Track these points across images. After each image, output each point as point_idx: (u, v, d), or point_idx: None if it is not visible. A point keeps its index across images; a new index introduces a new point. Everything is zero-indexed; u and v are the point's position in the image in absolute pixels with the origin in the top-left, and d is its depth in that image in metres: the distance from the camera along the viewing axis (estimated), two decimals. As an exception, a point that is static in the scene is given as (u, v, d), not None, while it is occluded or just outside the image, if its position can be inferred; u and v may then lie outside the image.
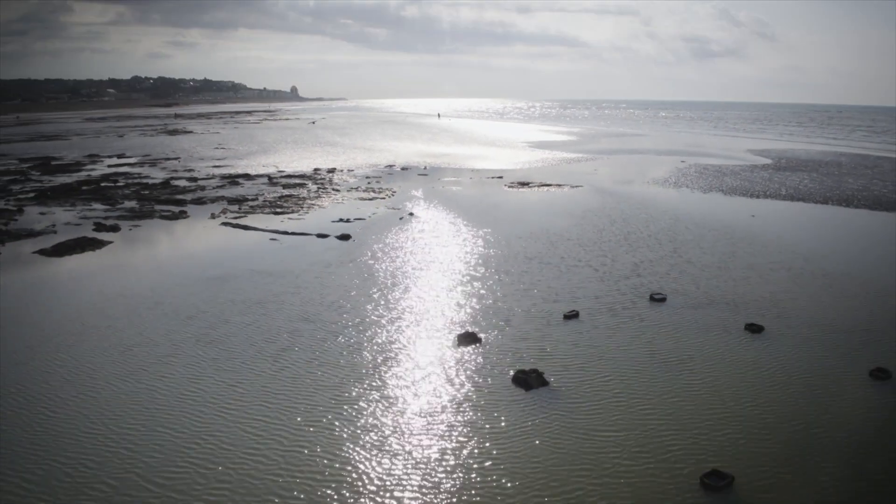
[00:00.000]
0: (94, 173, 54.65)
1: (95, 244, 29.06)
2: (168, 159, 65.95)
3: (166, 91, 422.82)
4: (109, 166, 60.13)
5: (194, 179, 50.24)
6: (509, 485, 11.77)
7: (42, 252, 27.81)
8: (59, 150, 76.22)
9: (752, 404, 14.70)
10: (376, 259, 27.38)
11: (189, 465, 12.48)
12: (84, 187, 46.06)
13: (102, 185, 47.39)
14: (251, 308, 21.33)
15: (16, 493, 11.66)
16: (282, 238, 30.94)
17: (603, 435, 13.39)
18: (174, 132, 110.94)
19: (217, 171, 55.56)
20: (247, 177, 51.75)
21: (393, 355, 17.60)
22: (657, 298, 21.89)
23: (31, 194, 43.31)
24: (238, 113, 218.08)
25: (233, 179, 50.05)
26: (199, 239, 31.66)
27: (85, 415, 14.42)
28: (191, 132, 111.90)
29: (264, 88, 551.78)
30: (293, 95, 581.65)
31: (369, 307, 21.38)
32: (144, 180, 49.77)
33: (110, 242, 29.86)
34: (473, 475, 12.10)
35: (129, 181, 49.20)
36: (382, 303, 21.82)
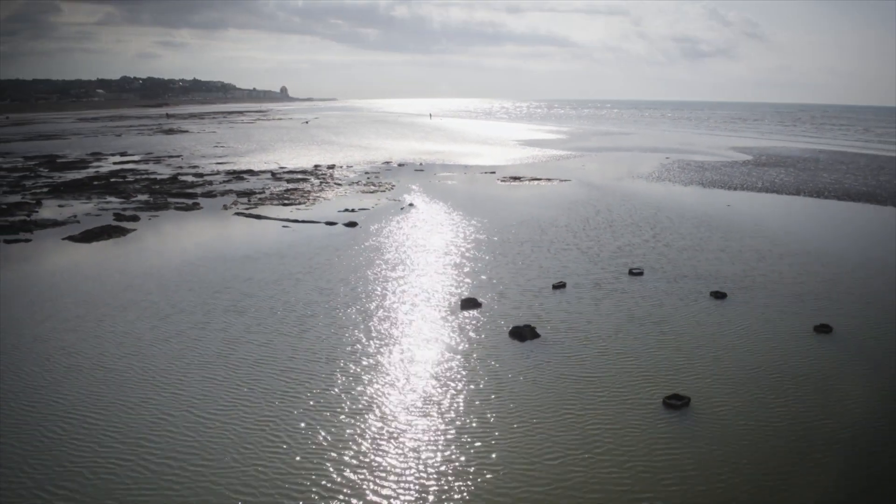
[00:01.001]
0: (101, 170, 56.75)
1: (120, 231, 31.35)
2: (171, 157, 68.08)
3: (156, 91, 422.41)
4: (115, 163, 62.19)
5: (200, 175, 52.47)
6: (507, 413, 14.24)
7: (71, 238, 30.08)
8: (60, 149, 78.03)
9: (713, 353, 17.32)
10: (382, 243, 29.86)
11: (233, 403, 14.79)
12: (95, 182, 48.19)
13: (112, 180, 49.52)
14: (271, 284, 23.66)
15: (87, 427, 13.96)
16: (293, 226, 33.36)
17: (586, 376, 15.93)
18: (170, 131, 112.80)
19: (221, 168, 57.83)
20: (250, 172, 54.07)
21: (404, 316, 20.13)
22: (635, 272, 24.52)
23: (45, 189, 45.37)
24: (230, 113, 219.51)
25: (238, 175, 52.35)
26: (216, 226, 34.00)
27: (136, 369, 16.68)
28: (187, 131, 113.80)
29: (254, 89, 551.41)
30: (283, 96, 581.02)
31: (379, 281, 23.85)
32: (152, 176, 51.95)
33: (133, 230, 32.16)
34: (477, 402, 14.60)
35: (138, 177, 51.36)
36: (390, 278, 24.30)
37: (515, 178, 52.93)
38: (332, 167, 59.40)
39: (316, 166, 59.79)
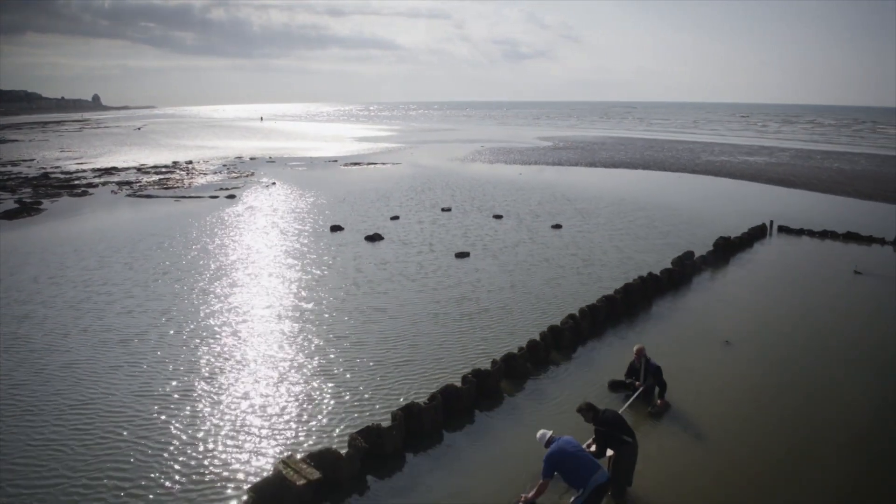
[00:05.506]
0: (-41, 174, 59.30)
1: (35, 210, 37.69)
2: (24, 160, 70.74)
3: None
4: (-33, 169, 64.30)
5: (69, 173, 57.33)
6: (368, 275, 24.42)
7: (-7, 217, 36.07)
8: None
9: (487, 240, 28.66)
10: (260, 205, 38.92)
11: (182, 286, 23.66)
12: (-34, 182, 51.86)
13: (-19, 180, 53.28)
14: (180, 234, 31.86)
15: (85, 311, 22.37)
16: (182, 200, 41.31)
17: (412, 255, 26.55)
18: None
19: (84, 167, 62.58)
20: (115, 169, 59.68)
21: (291, 237, 29.71)
22: (445, 210, 35.84)
23: (-81, 189, 48.69)
24: (47, 123, 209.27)
25: (105, 171, 57.92)
26: (115, 204, 40.95)
27: (111, 279, 24.90)
28: (16, 140, 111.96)
29: (62, 98, 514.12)
30: (96, 104, 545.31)
31: (266, 224, 33.11)
32: (21, 175, 55.94)
33: (45, 209, 38.55)
34: (348, 270, 24.65)
35: (8, 177, 55.21)
36: (273, 222, 33.65)
37: (355, 164, 63.15)
38: (190, 163, 66.14)
39: (174, 162, 66.21)
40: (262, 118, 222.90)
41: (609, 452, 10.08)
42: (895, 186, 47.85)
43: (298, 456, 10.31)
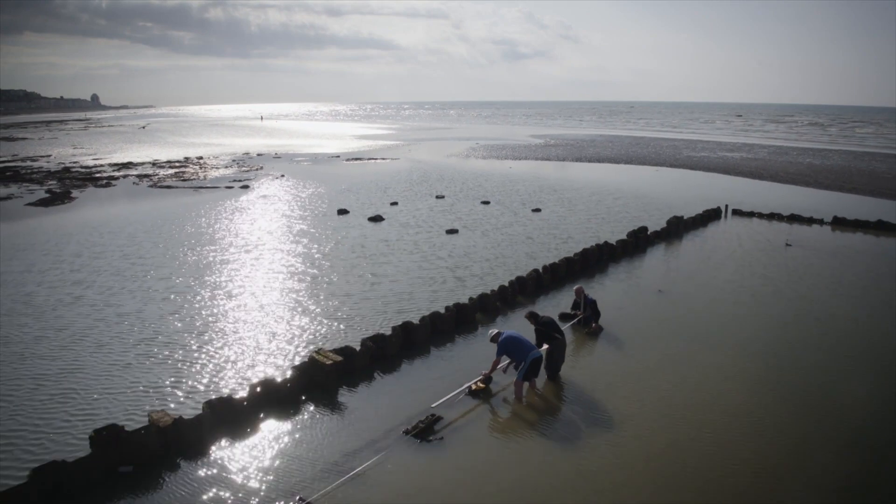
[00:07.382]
0: (-17, 168, 63.16)
1: (68, 198, 41.64)
2: (41, 157, 74.70)
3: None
4: (-10, 164, 68.14)
5: (88, 167, 61.27)
6: (372, 247, 28.43)
7: (31, 204, 39.99)
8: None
9: (479, 223, 32.69)
10: (273, 193, 42.97)
11: (210, 270, 27.66)
12: (-6, 176, 55.74)
13: (8, 173, 57.10)
14: (206, 217, 35.91)
15: (130, 282, 26.36)
16: (200, 190, 45.31)
17: (410, 234, 30.57)
18: (9, 139, 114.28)
19: (101, 162, 66.55)
20: (132, 164, 63.65)
21: (302, 219, 33.71)
22: (439, 196, 39.90)
23: (-48, 182, 52.55)
24: (51, 122, 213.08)
25: (123, 165, 61.87)
26: (140, 193, 44.96)
27: (147, 252, 28.89)
28: (25, 138, 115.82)
29: (61, 97, 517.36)
30: (95, 104, 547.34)
31: (280, 209, 37.12)
32: (43, 170, 59.86)
33: (77, 198, 42.52)
34: (354, 243, 28.66)
35: (31, 170, 59.16)
36: (287, 207, 37.67)
37: (357, 159, 67.23)
38: (200, 158, 70.14)
39: (186, 158, 70.21)
40: (262, 117, 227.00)
41: (545, 347, 14.12)
42: (853, 178, 52.02)
43: (326, 347, 14.38)
